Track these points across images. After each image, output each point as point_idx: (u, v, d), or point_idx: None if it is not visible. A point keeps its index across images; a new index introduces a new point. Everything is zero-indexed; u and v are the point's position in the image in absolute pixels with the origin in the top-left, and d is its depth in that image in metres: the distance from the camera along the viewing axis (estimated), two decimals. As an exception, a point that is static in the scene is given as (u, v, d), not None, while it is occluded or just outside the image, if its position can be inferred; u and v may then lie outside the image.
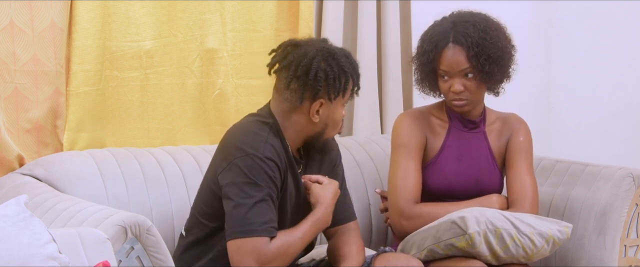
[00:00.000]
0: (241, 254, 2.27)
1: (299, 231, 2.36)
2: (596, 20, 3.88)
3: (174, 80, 3.00)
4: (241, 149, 2.32)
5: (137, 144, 2.95)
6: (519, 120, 2.85)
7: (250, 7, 3.10)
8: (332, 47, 2.44)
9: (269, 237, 2.29)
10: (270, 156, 2.33)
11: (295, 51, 2.41)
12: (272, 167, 2.32)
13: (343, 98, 2.43)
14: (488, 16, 2.74)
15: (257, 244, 2.27)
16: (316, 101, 2.39)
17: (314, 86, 2.37)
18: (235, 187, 2.30)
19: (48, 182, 2.61)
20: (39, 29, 2.70)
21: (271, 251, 2.28)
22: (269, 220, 2.29)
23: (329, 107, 2.41)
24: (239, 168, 2.30)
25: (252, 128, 2.39)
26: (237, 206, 2.28)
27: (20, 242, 1.86)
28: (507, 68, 2.73)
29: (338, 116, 2.45)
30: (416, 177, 2.72)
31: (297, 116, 2.42)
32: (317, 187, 2.45)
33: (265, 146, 2.33)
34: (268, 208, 2.30)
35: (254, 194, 2.28)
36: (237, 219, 2.28)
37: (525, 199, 2.69)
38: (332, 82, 2.38)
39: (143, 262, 2.16)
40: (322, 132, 2.45)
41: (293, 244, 2.33)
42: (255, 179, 2.29)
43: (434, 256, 2.58)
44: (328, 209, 2.42)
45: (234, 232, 2.28)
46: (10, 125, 2.69)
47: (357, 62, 2.47)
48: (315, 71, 2.36)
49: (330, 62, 2.38)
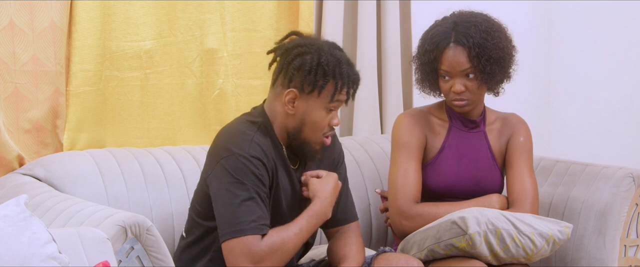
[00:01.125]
0: (234, 255, 2.27)
1: (295, 226, 2.34)
2: (596, 20, 3.88)
3: (174, 80, 3.00)
4: (227, 149, 2.32)
5: (137, 144, 2.95)
6: (519, 120, 2.85)
7: (250, 7, 3.10)
8: (336, 50, 2.40)
9: (259, 235, 2.27)
10: (255, 154, 2.31)
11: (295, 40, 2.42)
12: (257, 165, 2.31)
13: (319, 97, 2.36)
14: (489, 16, 2.74)
15: (248, 243, 2.26)
16: (289, 89, 2.36)
17: (288, 71, 2.35)
18: (222, 188, 2.30)
19: (48, 182, 2.61)
20: (39, 29, 2.70)
21: (263, 248, 2.27)
22: (257, 218, 2.28)
23: (305, 103, 2.37)
24: (224, 168, 2.30)
25: (240, 128, 2.39)
26: (225, 207, 2.28)
27: (20, 242, 1.86)
28: (508, 68, 2.73)
29: (317, 118, 2.38)
30: (416, 177, 2.72)
31: (278, 107, 2.40)
32: (315, 182, 2.43)
33: (250, 145, 2.32)
34: (256, 206, 2.29)
35: (239, 193, 2.28)
36: (226, 220, 2.28)
37: (525, 199, 2.69)
38: (306, 74, 2.34)
39: (143, 262, 2.16)
40: (299, 128, 2.39)
41: (288, 240, 2.31)
42: (241, 178, 2.29)
43: (434, 256, 2.58)
44: (325, 201, 2.40)
45: (225, 233, 2.28)
46: (10, 125, 2.69)
47: (355, 72, 2.40)
48: (293, 57, 2.36)
49: (315, 56, 2.35)
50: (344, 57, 2.40)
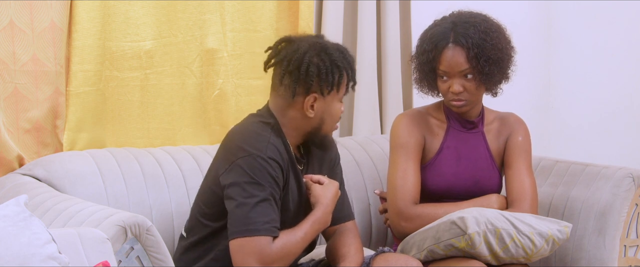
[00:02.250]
0: (243, 254, 2.27)
1: (300, 230, 2.36)
2: (596, 20, 3.88)
3: (174, 81, 3.00)
4: (244, 150, 2.32)
5: (137, 144, 2.95)
6: (517, 120, 2.84)
7: (250, 7, 3.10)
8: (326, 42, 2.45)
9: (271, 237, 2.29)
10: (272, 156, 2.33)
11: (289, 47, 2.43)
12: (275, 167, 2.32)
13: (338, 93, 2.43)
14: (488, 17, 2.74)
15: (259, 243, 2.26)
16: (309, 96, 2.39)
17: (306, 81, 2.37)
18: (237, 187, 2.30)
19: (48, 182, 2.61)
20: (39, 29, 2.70)
21: (274, 251, 2.28)
22: (271, 220, 2.29)
23: (324, 102, 2.41)
24: (241, 168, 2.30)
25: (254, 129, 2.39)
26: (240, 205, 2.28)
27: (20, 242, 1.86)
28: (507, 69, 2.72)
29: (335, 111, 2.45)
30: (415, 177, 2.72)
31: (293, 112, 2.42)
32: (318, 188, 2.44)
33: (267, 146, 2.33)
34: (271, 208, 2.30)
35: (256, 193, 2.28)
36: (239, 219, 2.28)
37: (524, 199, 2.69)
38: (324, 77, 2.38)
39: (143, 262, 2.17)
40: (319, 127, 2.45)
41: (295, 245, 2.33)
42: (258, 179, 2.29)
43: (434, 257, 2.58)
44: (327, 209, 2.42)
45: (237, 231, 2.28)
46: (10, 125, 2.69)
47: (352, 56, 2.46)
48: (307, 66, 2.37)
49: (323, 56, 2.39)
50: (336, 45, 2.45)
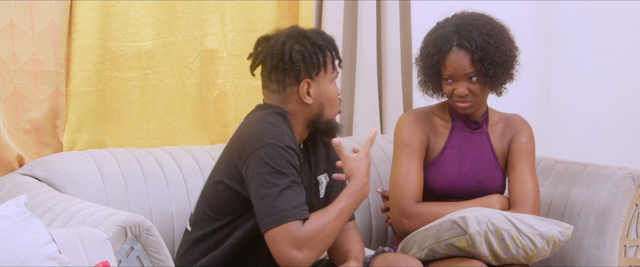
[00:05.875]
0: (278, 244, 2.25)
1: (336, 207, 2.33)
2: (596, 20, 3.88)
3: (174, 81, 3.00)
4: (261, 140, 2.32)
5: (137, 144, 2.95)
6: (522, 121, 2.84)
7: (250, 7, 3.10)
8: (301, 28, 2.47)
9: (301, 220, 2.27)
10: (289, 144, 2.33)
11: (267, 44, 2.45)
12: (293, 155, 2.32)
13: (327, 73, 2.44)
14: (491, 18, 2.73)
15: (290, 229, 2.25)
16: (302, 83, 2.40)
17: (293, 68, 2.40)
18: (259, 179, 2.29)
19: (48, 182, 2.61)
20: (39, 29, 2.70)
21: (305, 232, 2.26)
22: (297, 204, 2.27)
23: (318, 85, 2.43)
24: (260, 159, 2.29)
25: (267, 119, 2.40)
26: (264, 197, 2.27)
27: (20, 242, 1.86)
28: (511, 70, 2.72)
29: (331, 93, 2.45)
30: (418, 176, 2.72)
31: (291, 104, 2.43)
32: (350, 160, 2.40)
33: (283, 135, 2.34)
34: (295, 193, 2.28)
35: (278, 182, 2.28)
36: (266, 210, 2.27)
37: (526, 200, 2.69)
38: (309, 60, 2.40)
39: (143, 262, 2.16)
40: (320, 113, 2.45)
41: (328, 223, 2.30)
42: (278, 167, 2.29)
43: (435, 256, 2.58)
44: (363, 180, 2.37)
45: (266, 223, 2.27)
46: (10, 125, 2.69)
47: (331, 36, 2.48)
48: (289, 54, 2.39)
49: (302, 41, 2.41)
50: (312, 29, 2.49)
